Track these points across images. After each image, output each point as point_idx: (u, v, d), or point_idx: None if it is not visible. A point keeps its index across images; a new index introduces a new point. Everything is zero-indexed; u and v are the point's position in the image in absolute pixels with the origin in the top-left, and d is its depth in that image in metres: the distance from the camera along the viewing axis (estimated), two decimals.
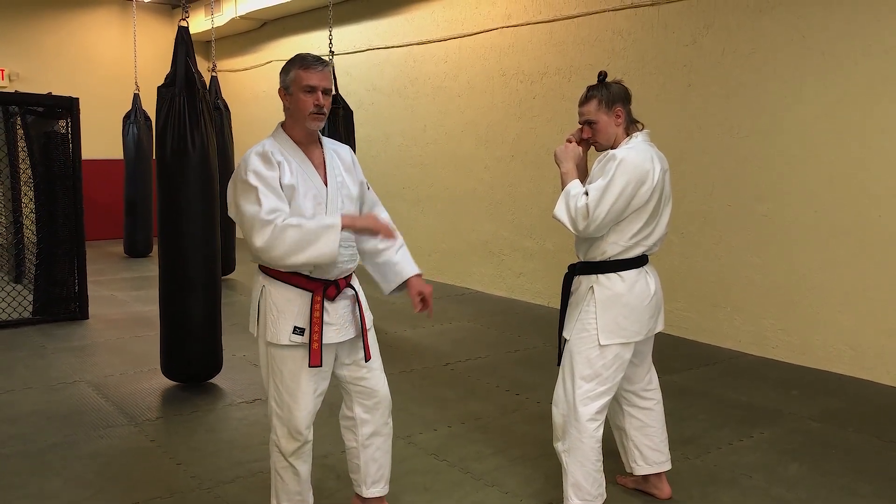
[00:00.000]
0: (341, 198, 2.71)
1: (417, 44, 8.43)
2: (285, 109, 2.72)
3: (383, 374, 2.90)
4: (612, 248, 2.89)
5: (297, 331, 2.62)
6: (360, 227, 2.66)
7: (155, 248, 9.94)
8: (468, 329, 6.32)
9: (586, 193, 2.83)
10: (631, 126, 2.98)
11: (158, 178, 4.54)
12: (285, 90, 2.68)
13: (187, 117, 4.41)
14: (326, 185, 2.68)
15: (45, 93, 6.76)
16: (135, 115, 9.74)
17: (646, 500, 3.25)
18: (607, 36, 6.46)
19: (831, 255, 5.10)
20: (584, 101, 2.97)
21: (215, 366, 4.76)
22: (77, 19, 11.52)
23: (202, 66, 6.70)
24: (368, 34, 9.13)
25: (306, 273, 2.64)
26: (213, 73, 8.30)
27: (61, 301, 6.49)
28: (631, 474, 3.27)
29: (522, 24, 7.25)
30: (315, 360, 2.62)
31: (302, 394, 2.68)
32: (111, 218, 11.10)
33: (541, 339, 5.91)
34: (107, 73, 11.53)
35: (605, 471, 3.01)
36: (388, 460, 2.97)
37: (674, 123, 5.95)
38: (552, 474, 3.35)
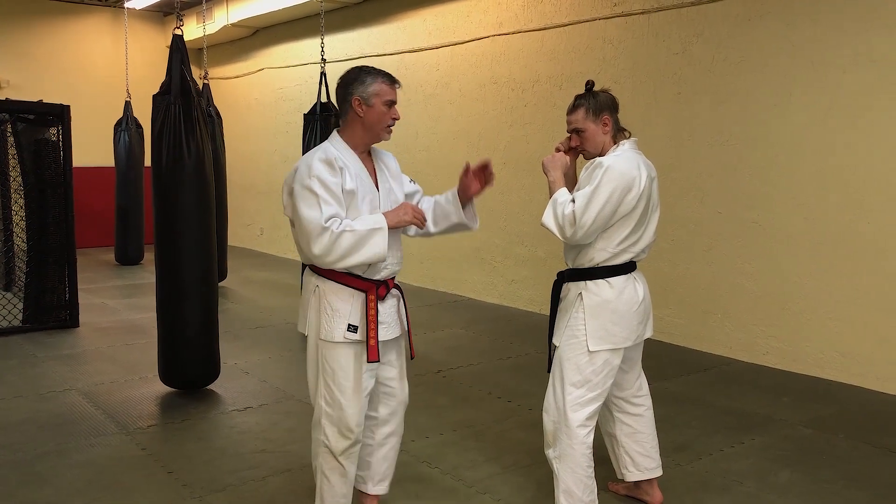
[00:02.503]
0: (390, 203, 2.82)
1: (409, 51, 8.46)
2: (351, 118, 2.76)
3: (405, 377, 3.02)
4: (599, 254, 2.91)
5: (352, 328, 2.72)
6: (399, 225, 2.76)
7: (146, 255, 9.97)
8: (461, 336, 6.32)
9: (573, 201, 2.84)
10: (618, 134, 3.00)
11: (154, 185, 4.54)
12: (363, 101, 2.71)
13: (183, 125, 4.42)
14: (379, 191, 2.79)
15: (35, 100, 6.75)
16: (126, 123, 9.72)
17: None
18: (598, 44, 6.49)
19: (821, 262, 5.13)
20: (572, 109, 3.00)
21: (213, 372, 4.77)
22: (68, 27, 11.50)
23: (194, 73, 6.68)
24: (360, 42, 9.15)
25: (358, 273, 2.73)
26: (206, 81, 8.30)
27: (52, 309, 6.46)
28: (622, 481, 3.28)
29: (514, 33, 7.28)
30: (373, 356, 2.71)
31: (353, 391, 2.76)
32: (102, 226, 11.07)
33: (533, 346, 5.92)
34: (98, 81, 11.51)
35: (597, 478, 3.01)
36: (395, 461, 3.07)
37: (664, 131, 5.98)
38: (545, 482, 3.35)
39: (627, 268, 2.95)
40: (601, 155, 2.96)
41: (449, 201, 2.98)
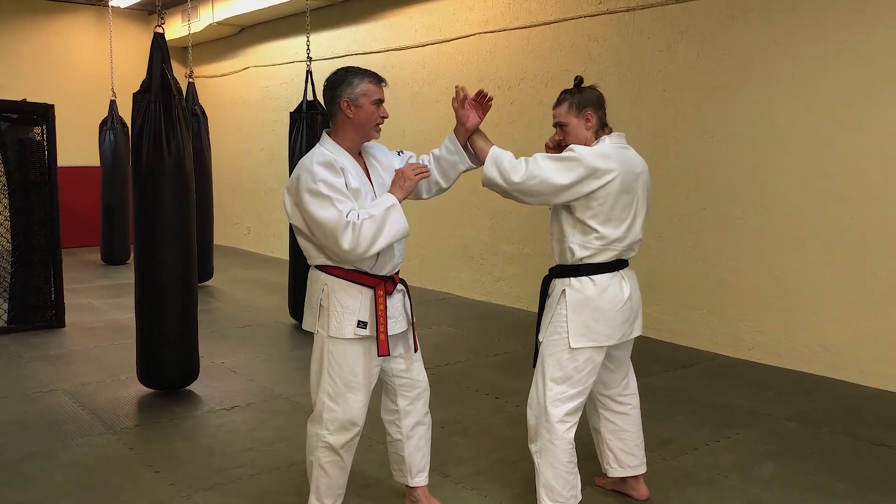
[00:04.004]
0: None
1: (395, 49, 8.46)
2: (341, 120, 2.78)
3: (423, 365, 3.05)
4: (579, 250, 2.89)
5: (361, 324, 2.76)
6: (408, 193, 2.80)
7: (132, 255, 9.91)
8: (448, 334, 6.33)
9: (530, 160, 2.86)
10: (601, 131, 3.00)
11: (134, 185, 4.52)
12: (351, 102, 2.73)
13: (163, 124, 4.40)
14: (374, 189, 2.82)
15: (19, 99, 6.70)
16: (111, 122, 9.67)
17: (623, 501, 3.28)
18: (583, 42, 6.52)
19: (805, 258, 5.18)
20: (557, 103, 3.02)
21: (191, 373, 4.74)
22: (53, 25, 11.42)
23: (179, 72, 6.66)
24: (346, 40, 9.14)
25: (366, 270, 2.76)
26: (191, 80, 8.26)
27: (37, 309, 6.42)
28: (607, 475, 3.30)
29: (500, 31, 7.29)
30: (384, 350, 2.76)
31: (360, 386, 2.81)
32: (88, 225, 11.01)
33: (520, 343, 5.94)
34: (83, 80, 11.43)
35: (584, 472, 3.03)
36: (429, 449, 3.11)
37: (649, 128, 6.01)
38: (531, 477, 3.34)
39: (614, 266, 2.94)
40: None
41: (452, 151, 2.99)
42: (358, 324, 2.75)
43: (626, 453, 3.21)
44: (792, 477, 3.53)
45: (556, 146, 3.07)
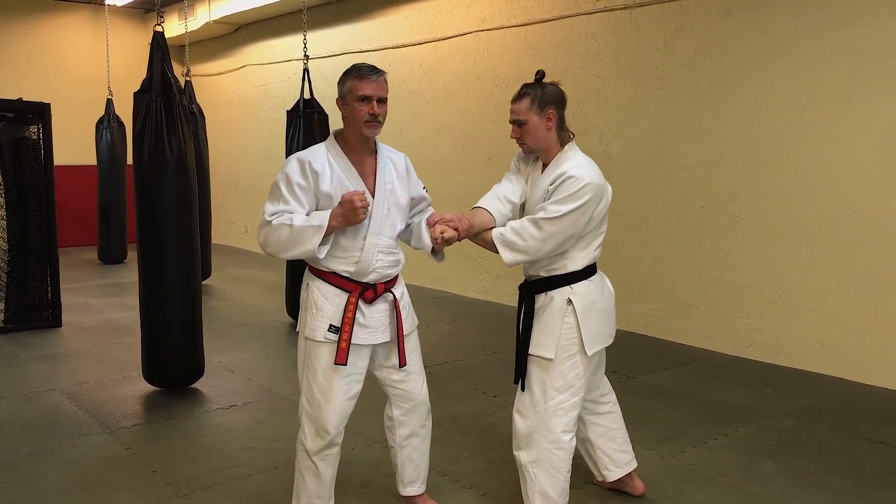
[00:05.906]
0: (388, 205, 2.79)
1: (392, 47, 8.44)
2: (343, 118, 2.79)
3: (422, 378, 2.99)
4: (579, 261, 2.85)
5: (333, 329, 2.73)
6: (342, 219, 2.62)
7: (129, 254, 9.91)
8: (446, 332, 6.32)
9: (539, 215, 2.76)
10: (562, 133, 2.88)
11: (136, 184, 4.51)
12: (342, 100, 2.76)
13: (164, 123, 4.39)
14: (375, 192, 2.75)
15: (15, 98, 6.68)
16: (108, 121, 9.64)
17: (621, 499, 3.28)
18: (581, 39, 6.51)
19: (802, 255, 5.18)
20: (517, 98, 2.86)
21: (197, 371, 4.75)
22: (48, 24, 11.38)
23: (176, 70, 6.62)
24: (343, 38, 9.12)
25: (345, 275, 2.73)
26: (188, 78, 8.25)
27: (34, 309, 6.41)
28: (606, 480, 3.28)
29: (497, 28, 7.28)
30: (340, 359, 2.70)
31: (333, 392, 2.75)
32: (85, 224, 10.98)
33: None
34: (79, 79, 11.40)
35: (577, 473, 3.01)
36: (424, 461, 3.08)
37: (647, 126, 6.01)
38: None
39: (595, 266, 2.94)
40: (546, 152, 2.88)
41: (418, 231, 2.98)
42: (329, 327, 2.72)
43: (619, 452, 3.21)
44: (790, 474, 3.54)
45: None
